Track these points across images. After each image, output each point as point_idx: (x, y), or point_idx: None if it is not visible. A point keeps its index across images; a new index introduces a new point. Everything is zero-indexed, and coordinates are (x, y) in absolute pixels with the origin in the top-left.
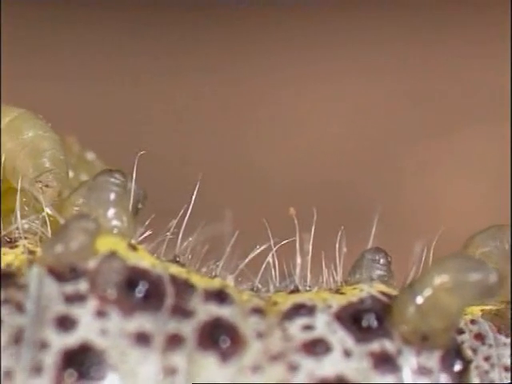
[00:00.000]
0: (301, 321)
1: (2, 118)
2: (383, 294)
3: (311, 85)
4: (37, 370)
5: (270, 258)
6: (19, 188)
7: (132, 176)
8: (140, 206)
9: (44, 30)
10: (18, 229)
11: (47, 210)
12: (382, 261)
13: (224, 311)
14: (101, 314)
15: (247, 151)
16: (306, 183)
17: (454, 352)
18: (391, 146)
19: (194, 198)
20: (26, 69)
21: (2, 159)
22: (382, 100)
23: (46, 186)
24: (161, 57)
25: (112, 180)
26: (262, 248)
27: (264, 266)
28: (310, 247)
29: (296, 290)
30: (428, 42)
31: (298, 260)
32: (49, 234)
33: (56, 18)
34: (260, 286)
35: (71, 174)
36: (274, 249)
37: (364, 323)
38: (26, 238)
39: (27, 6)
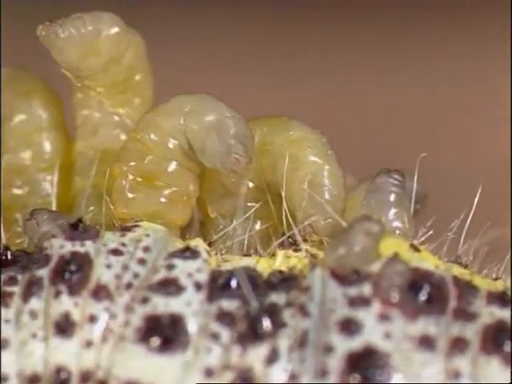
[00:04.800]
0: None
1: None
2: None
3: None
4: (322, 373)
5: None
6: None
7: (412, 176)
8: (418, 206)
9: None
10: (300, 231)
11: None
12: None
13: (507, 314)
14: (384, 317)
15: None
16: None
17: None
18: None
19: (476, 199)
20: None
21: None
22: None
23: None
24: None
25: (391, 181)
26: None
27: None
28: None
29: None
30: None
31: None
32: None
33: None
34: None
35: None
36: None
37: None
38: (307, 240)
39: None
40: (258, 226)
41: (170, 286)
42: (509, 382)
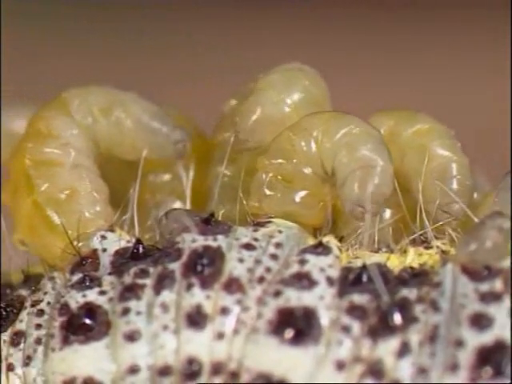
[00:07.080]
0: None
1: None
2: None
3: None
4: (452, 367)
5: None
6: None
7: None
8: None
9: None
10: (432, 230)
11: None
12: None
13: None
14: None
15: None
16: None
17: None
18: None
19: None
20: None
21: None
22: None
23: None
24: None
25: None
26: None
27: None
28: None
29: None
30: None
31: None
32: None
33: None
34: None
35: None
36: None
37: None
38: (438, 238)
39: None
40: (387, 215)
41: (302, 280)
42: None
